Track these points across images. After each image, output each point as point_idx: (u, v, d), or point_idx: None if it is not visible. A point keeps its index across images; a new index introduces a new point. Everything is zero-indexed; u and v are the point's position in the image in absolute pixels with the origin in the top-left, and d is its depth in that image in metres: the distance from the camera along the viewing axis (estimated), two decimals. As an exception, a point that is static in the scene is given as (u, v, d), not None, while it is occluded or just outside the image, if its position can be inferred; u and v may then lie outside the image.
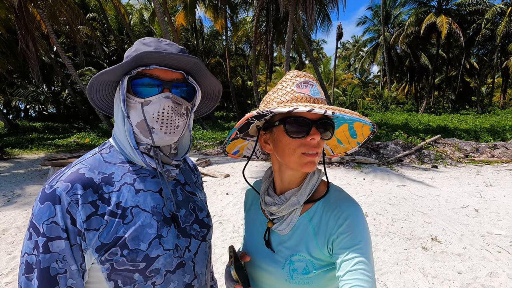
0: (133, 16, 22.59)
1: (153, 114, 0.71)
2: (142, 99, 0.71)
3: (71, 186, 0.64)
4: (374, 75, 50.90)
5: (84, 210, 0.64)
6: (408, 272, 3.08)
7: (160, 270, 0.70)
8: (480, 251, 3.52)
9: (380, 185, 6.61)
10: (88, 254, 0.65)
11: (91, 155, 0.74)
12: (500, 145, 9.97)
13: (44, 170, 8.22)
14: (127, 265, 0.66)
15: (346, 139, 0.85)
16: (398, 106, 30.47)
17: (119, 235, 0.66)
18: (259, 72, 31.57)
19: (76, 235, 0.63)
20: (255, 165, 8.88)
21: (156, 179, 0.76)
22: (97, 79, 0.72)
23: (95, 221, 0.65)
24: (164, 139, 0.72)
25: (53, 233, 0.62)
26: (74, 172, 0.67)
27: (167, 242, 0.72)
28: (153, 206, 0.72)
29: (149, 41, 0.74)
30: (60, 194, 0.63)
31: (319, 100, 0.75)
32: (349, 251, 0.69)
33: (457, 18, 23.45)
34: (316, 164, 0.76)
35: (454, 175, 7.45)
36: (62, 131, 18.30)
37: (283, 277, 0.78)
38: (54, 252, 0.62)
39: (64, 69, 20.60)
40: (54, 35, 12.29)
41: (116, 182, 0.70)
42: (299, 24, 17.62)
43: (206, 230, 0.85)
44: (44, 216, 0.62)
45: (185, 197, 0.82)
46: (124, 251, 0.65)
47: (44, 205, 0.62)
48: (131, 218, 0.68)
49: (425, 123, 16.12)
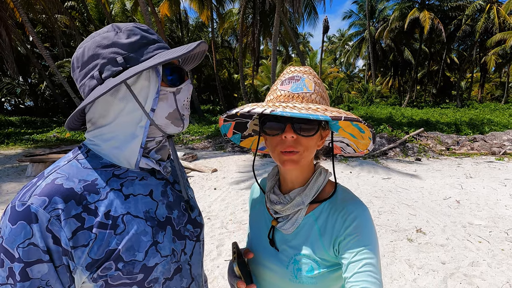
0: (114, 5, 21.75)
1: (184, 101, 0.70)
2: (174, 88, 0.67)
3: (48, 201, 0.55)
4: (360, 69, 51.68)
5: (69, 226, 0.56)
6: (394, 264, 3.15)
7: (158, 279, 0.65)
8: (462, 241, 3.65)
9: (366, 178, 6.73)
10: (78, 274, 0.58)
11: (66, 162, 0.64)
12: (479, 138, 10.37)
13: (22, 167, 7.87)
14: (124, 279, 0.60)
15: (359, 134, 0.83)
16: (382, 100, 31.13)
17: (111, 248, 0.59)
18: (246, 65, 31.31)
19: (61, 255, 0.56)
20: (243, 159, 8.85)
21: (145, 181, 0.70)
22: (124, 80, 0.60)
23: (83, 236, 0.57)
24: (186, 124, 0.73)
25: (31, 257, 0.53)
26: (50, 184, 0.58)
27: (164, 248, 0.67)
28: (145, 211, 0.67)
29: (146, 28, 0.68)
30: (36, 211, 0.54)
31: (299, 95, 0.73)
32: (357, 253, 0.68)
33: (439, 13, 24.03)
34: (298, 162, 0.74)
35: (436, 168, 7.69)
36: (40, 126, 17.57)
37: (287, 276, 0.77)
38: (34, 278, 0.54)
39: (42, 60, 19.68)
40: (29, 24, 11.65)
41: (101, 189, 0.63)
42: (286, 17, 17.50)
43: (199, 229, 0.81)
44: (19, 239, 0.53)
45: (176, 197, 0.77)
46: (119, 264, 0.59)
47: (16, 225, 0.53)
48: (123, 227, 0.62)
49: (408, 116, 16.53)
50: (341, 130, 0.85)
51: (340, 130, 0.85)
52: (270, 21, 19.26)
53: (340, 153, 0.97)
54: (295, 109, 0.66)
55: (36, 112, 21.17)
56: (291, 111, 0.64)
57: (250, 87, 24.56)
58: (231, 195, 5.51)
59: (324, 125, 0.78)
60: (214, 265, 3.15)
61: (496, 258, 3.25)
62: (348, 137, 0.87)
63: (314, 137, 0.75)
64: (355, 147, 0.89)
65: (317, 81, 0.78)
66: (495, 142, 10.02)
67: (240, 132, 0.95)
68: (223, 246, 3.58)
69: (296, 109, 0.65)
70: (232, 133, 0.95)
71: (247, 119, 0.89)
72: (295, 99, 0.73)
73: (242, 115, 0.86)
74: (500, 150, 9.32)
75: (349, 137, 0.87)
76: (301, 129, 0.72)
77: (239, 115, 0.85)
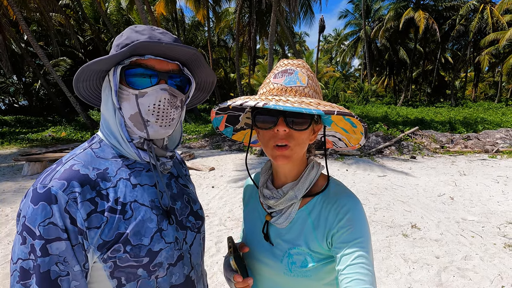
0: (109, 4, 21.57)
1: (149, 107, 0.68)
2: (136, 90, 0.67)
3: (67, 184, 0.61)
4: (355, 68, 51.90)
5: (84, 208, 0.61)
6: (390, 258, 3.22)
7: (163, 264, 0.70)
8: (455, 236, 3.73)
9: (362, 175, 6.81)
10: (90, 253, 0.63)
11: (82, 150, 0.70)
12: (473, 136, 10.52)
13: (18, 166, 7.81)
14: (131, 261, 0.65)
15: (351, 128, 0.83)
16: (378, 99, 31.33)
17: (120, 231, 0.64)
18: (242, 64, 31.29)
19: (78, 234, 0.61)
20: (240, 158, 8.88)
21: (151, 173, 0.75)
22: (87, 68, 0.67)
23: (96, 218, 0.63)
24: (159, 132, 0.70)
25: (51, 235, 0.58)
26: (68, 169, 0.64)
27: (168, 235, 0.71)
28: (151, 200, 0.71)
29: (142, 28, 0.71)
30: (56, 193, 0.59)
31: (292, 88, 0.73)
32: (349, 245, 0.69)
33: (433, 13, 24.25)
34: (290, 157, 0.74)
35: (431, 165, 7.80)
36: (35, 125, 17.37)
37: (282, 270, 0.78)
38: (53, 255, 0.59)
39: (36, 59, 19.47)
40: (23, 22, 11.55)
41: (112, 178, 0.68)
42: (283, 16, 17.54)
43: (201, 221, 0.85)
44: (40, 218, 0.58)
45: (180, 190, 0.82)
46: (127, 247, 0.64)
47: (38, 205, 0.58)
48: (131, 214, 0.67)
49: (403, 115, 16.67)
50: (334, 124, 0.85)
51: (332, 125, 0.86)
52: (267, 20, 19.29)
53: (332, 147, 0.97)
54: (288, 102, 0.65)
55: (31, 111, 20.93)
56: (284, 104, 0.64)
57: (246, 86, 24.58)
58: (229, 193, 5.55)
59: (317, 119, 0.78)
60: (213, 261, 3.18)
61: (488, 252, 3.33)
62: (340, 132, 0.88)
63: (306, 131, 0.75)
64: (347, 141, 0.90)
65: (310, 75, 0.77)
66: (488, 140, 10.18)
67: (232, 125, 0.95)
68: (221, 243, 3.62)
69: (289, 103, 0.65)
70: (224, 126, 0.95)
71: (240, 112, 0.89)
72: (288, 93, 0.72)
73: (234, 108, 0.85)
74: (493, 148, 9.48)
75: (341, 131, 0.87)
76: (294, 123, 0.72)
77: (231, 108, 0.84)
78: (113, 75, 0.68)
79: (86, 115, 14.73)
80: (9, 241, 3.64)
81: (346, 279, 0.66)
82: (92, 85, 0.76)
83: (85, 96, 0.78)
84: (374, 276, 0.67)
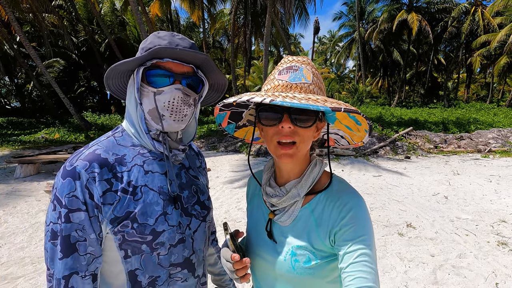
0: (103, 4, 21.39)
1: (164, 103, 0.78)
2: (155, 88, 0.77)
3: (89, 165, 0.72)
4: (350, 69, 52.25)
5: (101, 186, 0.72)
6: (386, 257, 3.24)
7: (164, 244, 0.78)
8: (450, 235, 3.77)
9: (357, 176, 6.85)
10: (104, 225, 0.73)
11: (105, 138, 0.82)
12: (466, 136, 10.67)
13: (10, 168, 7.70)
14: (136, 237, 0.74)
15: (355, 126, 0.83)
16: (372, 100, 31.56)
17: (130, 210, 0.74)
18: (237, 65, 31.30)
19: (94, 208, 0.71)
20: (236, 159, 8.87)
21: (163, 162, 0.84)
22: (115, 68, 0.79)
23: (110, 196, 0.73)
24: (172, 126, 0.79)
25: (73, 206, 0.69)
26: (91, 153, 0.75)
27: (171, 219, 0.80)
28: (160, 186, 0.80)
29: (163, 35, 0.81)
30: (79, 171, 0.70)
31: (297, 85, 0.73)
32: (352, 243, 0.68)
33: (426, 15, 24.54)
34: (294, 156, 0.74)
35: (425, 165, 7.88)
36: (28, 127, 17.12)
37: (285, 268, 0.78)
38: (74, 223, 0.70)
39: (29, 60, 19.23)
40: (16, 23, 11.41)
41: (128, 163, 0.78)
42: (278, 17, 17.61)
43: (206, 211, 0.92)
44: (66, 190, 0.69)
45: (189, 180, 0.90)
46: (134, 224, 0.74)
47: (65, 180, 0.70)
48: (140, 196, 0.76)
49: (397, 116, 16.83)
50: (337, 122, 0.85)
51: (336, 122, 0.85)
52: (262, 21, 19.33)
53: (334, 145, 0.96)
54: (295, 99, 0.65)
55: (23, 113, 20.63)
56: (291, 101, 0.64)
57: (242, 87, 24.58)
58: (225, 194, 5.54)
59: (321, 116, 0.78)
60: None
61: (482, 250, 3.37)
62: (344, 129, 0.87)
63: (311, 128, 0.75)
64: (350, 139, 0.89)
65: (315, 72, 0.77)
66: (480, 140, 10.33)
67: (235, 122, 0.95)
68: (218, 243, 3.60)
69: (296, 99, 0.65)
70: (227, 123, 0.95)
71: (243, 108, 0.88)
72: (293, 89, 0.72)
73: (238, 105, 0.85)
74: (485, 147, 9.61)
75: (344, 129, 0.87)
76: (299, 120, 0.72)
77: (235, 104, 0.84)
78: (136, 74, 0.78)
79: (80, 116, 14.58)
80: (1, 244, 3.57)
81: (349, 277, 0.65)
82: (121, 82, 0.88)
83: (114, 91, 0.90)
84: (377, 274, 0.66)
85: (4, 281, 2.82)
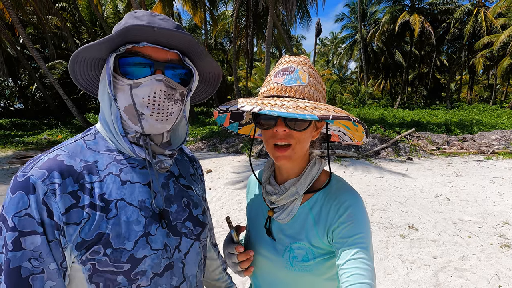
0: (106, 7, 21.54)
1: (143, 98, 0.62)
2: (131, 80, 0.62)
3: (47, 174, 0.57)
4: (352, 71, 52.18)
5: (63, 201, 0.57)
6: (388, 259, 3.21)
7: (146, 272, 0.63)
8: (452, 236, 3.74)
9: (359, 177, 6.82)
10: (68, 252, 0.58)
11: (73, 141, 0.66)
12: (468, 138, 10.60)
13: (13, 169, 7.74)
14: (110, 266, 0.59)
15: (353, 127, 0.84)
16: (374, 102, 31.45)
17: (101, 231, 0.59)
18: (239, 67, 31.37)
19: (54, 229, 0.56)
20: (238, 160, 8.87)
21: (145, 170, 0.68)
22: (77, 55, 0.63)
23: (76, 214, 0.57)
24: (155, 127, 0.64)
25: (26, 227, 0.53)
26: (52, 159, 0.59)
27: (155, 241, 0.64)
28: (141, 200, 0.65)
29: (141, 14, 0.64)
30: (34, 183, 0.55)
31: (292, 88, 0.73)
32: (349, 241, 0.69)
33: (429, 17, 24.49)
34: (291, 157, 0.75)
35: (428, 167, 7.84)
36: (31, 128, 17.24)
37: (283, 264, 0.79)
38: (27, 250, 0.53)
39: (32, 62, 19.39)
40: (19, 25, 11.50)
41: (100, 172, 0.63)
42: (279, 19, 17.64)
43: (201, 228, 0.77)
44: (16, 208, 0.54)
45: (179, 191, 0.74)
46: (107, 249, 0.59)
47: (15, 195, 0.54)
48: (115, 213, 0.61)
49: (400, 117, 16.76)
50: (336, 121, 0.86)
51: (335, 122, 0.87)
52: (264, 23, 19.38)
53: (338, 140, 0.98)
54: (283, 107, 0.65)
55: (26, 114, 20.79)
56: (279, 110, 0.64)
57: (243, 89, 24.61)
58: (226, 195, 5.53)
59: None
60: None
61: (485, 252, 3.34)
62: (344, 128, 0.89)
63: (306, 130, 0.75)
64: (352, 137, 0.91)
65: (311, 72, 0.77)
66: (483, 141, 10.27)
67: (237, 121, 0.96)
68: (219, 244, 3.59)
69: (284, 108, 0.65)
70: (229, 122, 0.96)
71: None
72: (288, 92, 0.73)
73: None
74: (488, 149, 9.55)
75: (344, 128, 0.89)
76: (293, 123, 0.73)
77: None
78: (106, 63, 0.63)
79: (83, 117, 14.66)
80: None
81: (346, 274, 0.66)
82: (91, 75, 0.71)
83: (84, 85, 0.73)
84: (374, 271, 0.67)
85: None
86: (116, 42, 0.61)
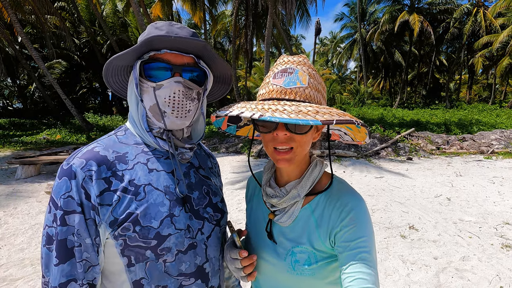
0: (105, 6, 21.47)
1: (165, 98, 0.72)
2: (154, 83, 0.72)
3: (85, 163, 0.67)
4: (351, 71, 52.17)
5: (98, 186, 0.67)
6: (388, 260, 3.20)
7: (171, 249, 0.71)
8: (453, 237, 3.73)
9: (359, 177, 6.81)
10: (102, 229, 0.68)
11: (107, 136, 0.77)
12: (468, 138, 10.61)
13: (12, 169, 7.70)
14: (139, 241, 0.68)
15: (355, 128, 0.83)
16: (373, 101, 31.47)
17: (131, 211, 0.68)
18: (239, 67, 31.34)
19: (91, 209, 0.66)
20: (237, 160, 8.85)
21: (169, 161, 0.78)
22: (110, 64, 0.74)
23: (108, 196, 0.67)
24: (175, 123, 0.74)
25: (69, 207, 0.65)
26: (90, 150, 0.70)
27: (178, 222, 0.73)
28: (166, 186, 0.74)
29: (161, 25, 0.75)
30: (75, 170, 0.66)
31: (292, 90, 0.71)
32: (352, 244, 0.68)
33: (428, 16, 24.48)
34: (292, 160, 0.74)
35: (428, 166, 7.83)
36: (30, 128, 17.19)
37: (285, 268, 0.77)
38: (70, 226, 0.65)
39: (31, 62, 19.32)
40: (18, 25, 11.46)
41: (129, 161, 0.73)
42: (279, 18, 17.62)
43: (220, 214, 0.85)
44: (61, 191, 0.65)
45: (199, 180, 0.83)
46: (136, 227, 0.68)
47: (61, 180, 0.66)
48: (143, 195, 0.70)
49: (399, 117, 16.77)
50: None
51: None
52: (263, 23, 19.35)
53: (338, 139, 0.96)
54: (284, 113, 0.63)
55: (25, 114, 20.73)
56: (281, 115, 0.62)
57: (243, 88, 24.59)
58: (225, 196, 5.51)
59: None
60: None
61: (486, 252, 3.33)
62: (345, 129, 0.87)
63: (308, 133, 0.74)
64: (353, 137, 0.89)
65: (311, 72, 0.75)
66: (483, 141, 10.27)
67: (235, 124, 0.95)
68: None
69: (286, 113, 0.63)
70: (227, 125, 0.95)
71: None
72: (287, 95, 0.71)
73: None
74: (488, 149, 9.55)
75: (346, 128, 0.87)
76: (294, 127, 0.71)
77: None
78: (133, 69, 0.74)
79: (82, 117, 14.62)
80: (1, 245, 3.56)
81: (349, 278, 0.65)
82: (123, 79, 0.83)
83: (116, 89, 0.85)
84: (377, 275, 0.66)
85: (3, 283, 2.80)
86: (141, 51, 0.72)
